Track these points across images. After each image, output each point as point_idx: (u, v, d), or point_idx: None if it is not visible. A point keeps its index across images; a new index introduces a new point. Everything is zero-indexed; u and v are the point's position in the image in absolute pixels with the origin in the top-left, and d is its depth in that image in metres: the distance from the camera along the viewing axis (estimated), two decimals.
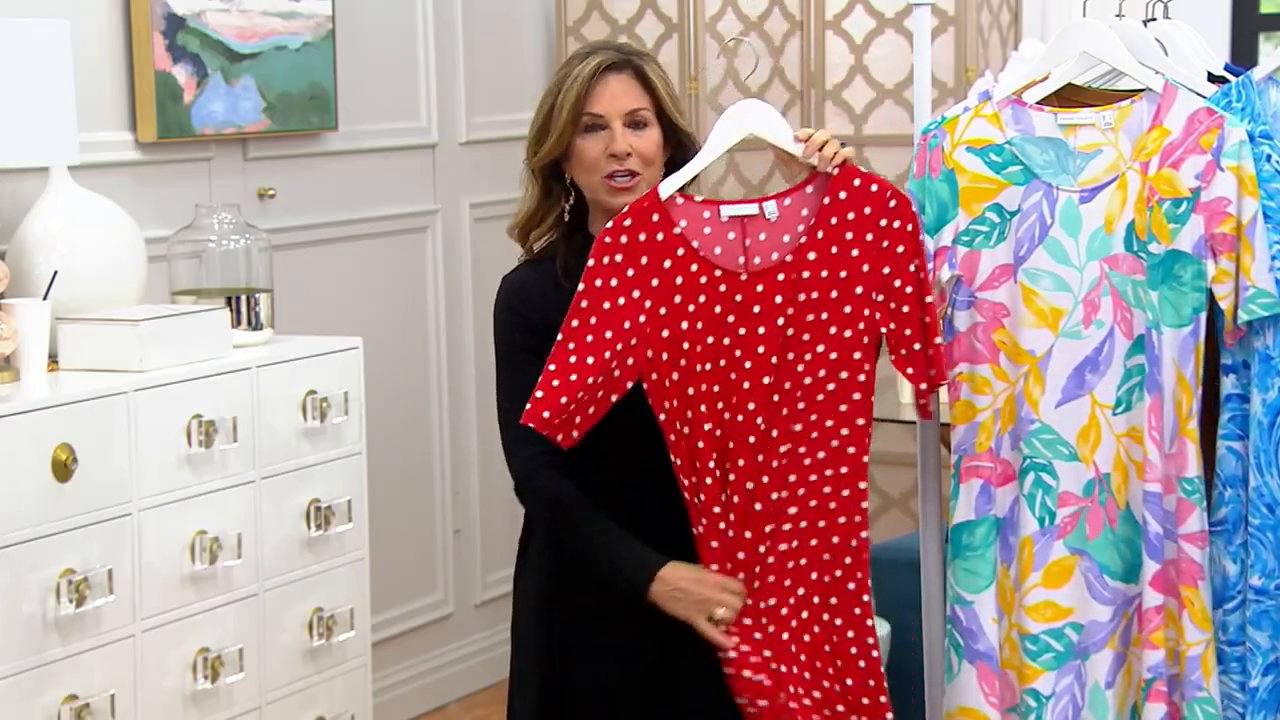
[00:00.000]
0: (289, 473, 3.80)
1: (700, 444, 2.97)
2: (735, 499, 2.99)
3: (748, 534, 3.01)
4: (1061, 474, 3.25)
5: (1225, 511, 3.25)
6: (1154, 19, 3.46)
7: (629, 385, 2.95)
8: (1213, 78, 3.40)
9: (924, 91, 3.56)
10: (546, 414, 2.91)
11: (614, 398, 2.95)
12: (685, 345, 2.96)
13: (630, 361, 2.95)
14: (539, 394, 2.91)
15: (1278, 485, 3.20)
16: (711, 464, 2.98)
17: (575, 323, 2.93)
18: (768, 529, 3.02)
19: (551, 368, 2.91)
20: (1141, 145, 3.23)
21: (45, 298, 3.54)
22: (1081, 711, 3.29)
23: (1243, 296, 3.18)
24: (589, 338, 2.93)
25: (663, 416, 2.97)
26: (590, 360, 2.92)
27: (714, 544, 2.99)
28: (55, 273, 3.58)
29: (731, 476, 2.99)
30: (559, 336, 2.94)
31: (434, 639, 5.11)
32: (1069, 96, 3.34)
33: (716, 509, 2.98)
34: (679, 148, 3.16)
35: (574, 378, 2.91)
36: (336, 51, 4.60)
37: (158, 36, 4.13)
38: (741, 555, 3.01)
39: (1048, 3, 5.24)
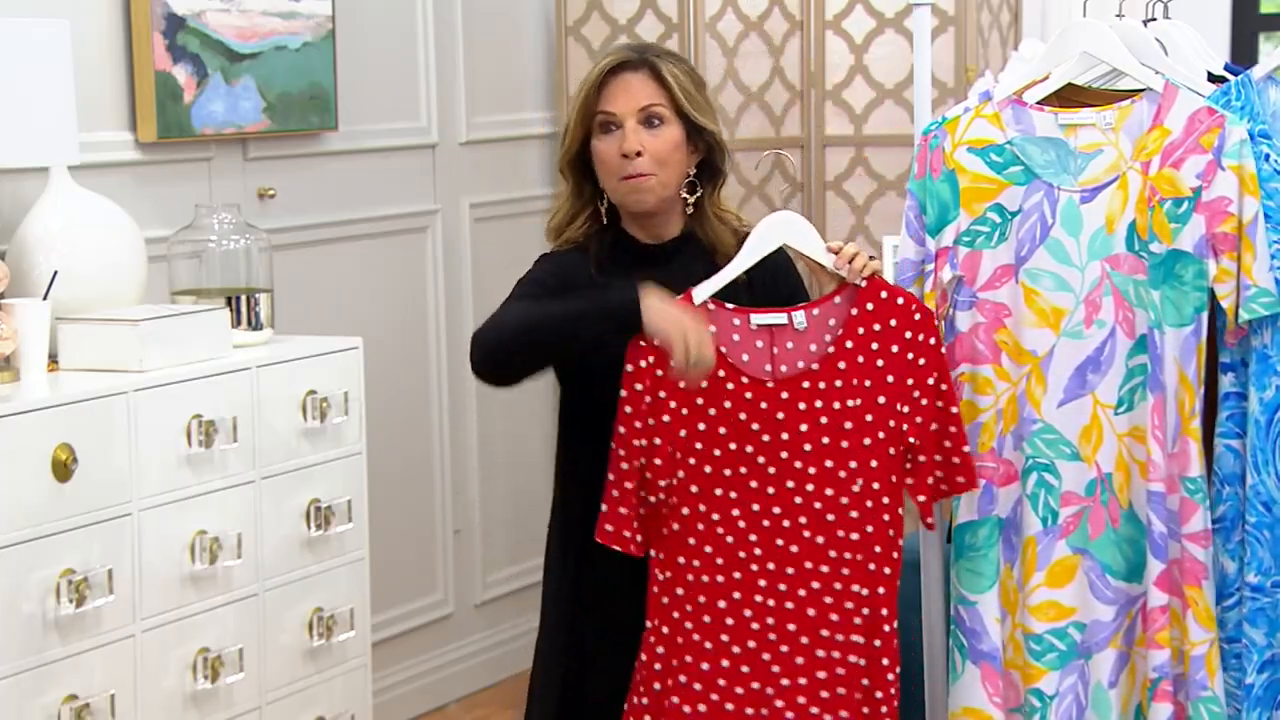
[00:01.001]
0: (289, 473, 3.80)
1: (691, 541, 3.03)
2: (735, 599, 3.04)
3: (735, 648, 3.05)
4: (1064, 474, 3.25)
5: (1224, 509, 3.25)
6: (1154, 19, 3.46)
7: (661, 484, 3.00)
8: (1213, 77, 3.40)
9: (924, 91, 3.56)
10: (609, 527, 2.98)
11: (652, 498, 3.01)
12: (699, 446, 3.01)
13: (658, 462, 2.99)
14: (604, 508, 2.98)
15: (1274, 484, 3.21)
16: (697, 562, 3.03)
17: (622, 429, 2.98)
18: (783, 649, 3.06)
19: (610, 477, 2.97)
20: (1142, 145, 3.23)
21: (45, 298, 3.54)
22: (1085, 711, 3.29)
23: (1243, 295, 3.18)
24: (637, 441, 2.98)
25: (653, 504, 3.02)
26: (640, 462, 2.98)
27: (663, 648, 3.03)
28: (55, 273, 3.58)
29: (738, 576, 3.04)
30: (612, 444, 2.97)
31: (434, 639, 5.11)
32: (1069, 96, 3.34)
33: (689, 607, 3.03)
34: (708, 150, 3.13)
35: (629, 485, 2.98)
36: (336, 51, 4.59)
37: (158, 36, 4.12)
38: (746, 669, 3.06)
39: (1048, 3, 5.24)
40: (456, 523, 5.15)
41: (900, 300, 3.06)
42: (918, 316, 3.06)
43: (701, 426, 3.01)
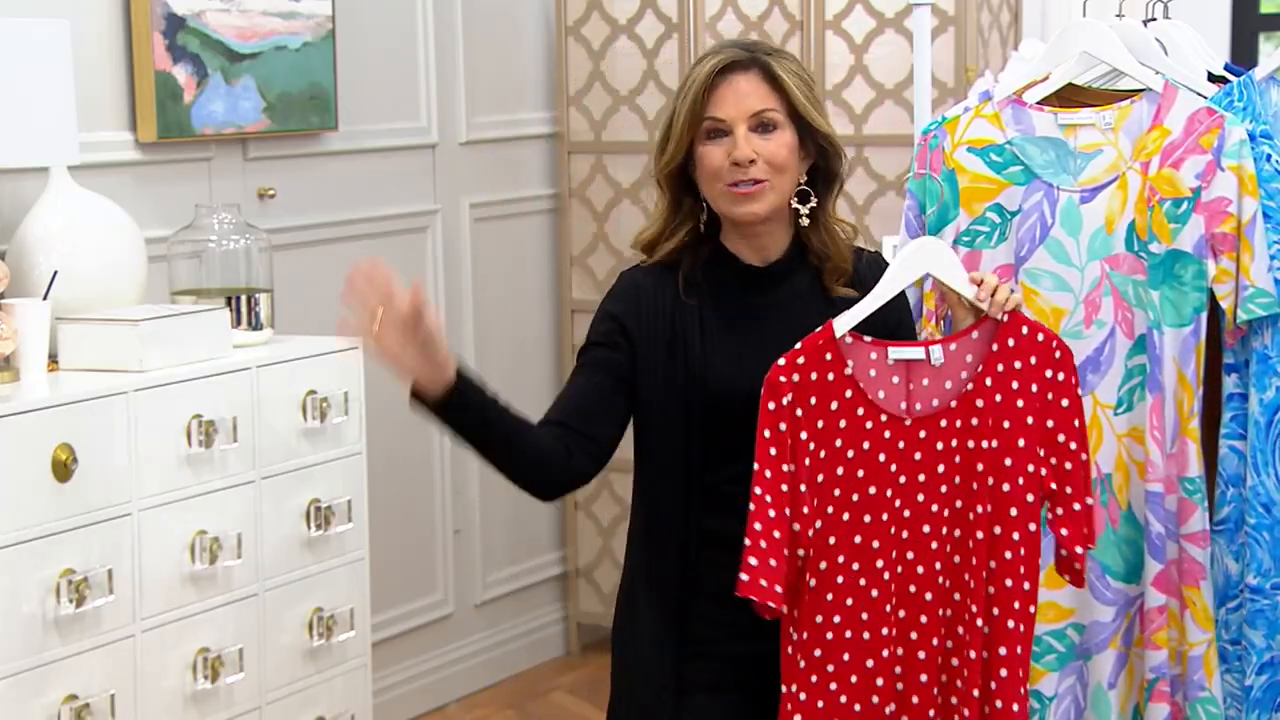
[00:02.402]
0: (289, 473, 3.80)
1: (829, 596, 2.80)
2: (884, 657, 2.83)
3: (888, 708, 2.84)
4: None
5: (1227, 510, 3.25)
6: (1154, 19, 3.46)
7: (809, 533, 2.79)
8: (1213, 78, 3.40)
9: (924, 91, 3.56)
10: (764, 582, 2.74)
11: (800, 552, 2.79)
12: (837, 493, 2.81)
13: (805, 510, 2.79)
14: (752, 561, 2.74)
15: (1274, 485, 3.21)
16: (837, 618, 2.81)
17: (768, 473, 2.77)
18: (914, 701, 2.85)
19: (756, 526, 2.74)
20: (1142, 145, 3.23)
21: (45, 298, 3.54)
22: (1084, 712, 3.29)
23: (1242, 296, 3.19)
24: (783, 486, 2.77)
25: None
26: (787, 512, 2.78)
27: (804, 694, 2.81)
28: (55, 273, 3.58)
29: (885, 631, 2.82)
30: (755, 489, 2.75)
31: (434, 639, 5.11)
32: (1069, 96, 3.34)
33: (831, 668, 2.81)
34: (821, 155, 2.90)
35: (777, 535, 2.76)
36: (336, 51, 4.59)
37: (158, 36, 4.12)
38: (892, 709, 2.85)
39: (1048, 3, 5.24)
40: (456, 523, 5.15)
41: (1041, 337, 2.85)
42: (1058, 355, 2.85)
43: (840, 471, 2.80)
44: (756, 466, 2.76)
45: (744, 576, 2.73)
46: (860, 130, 4.96)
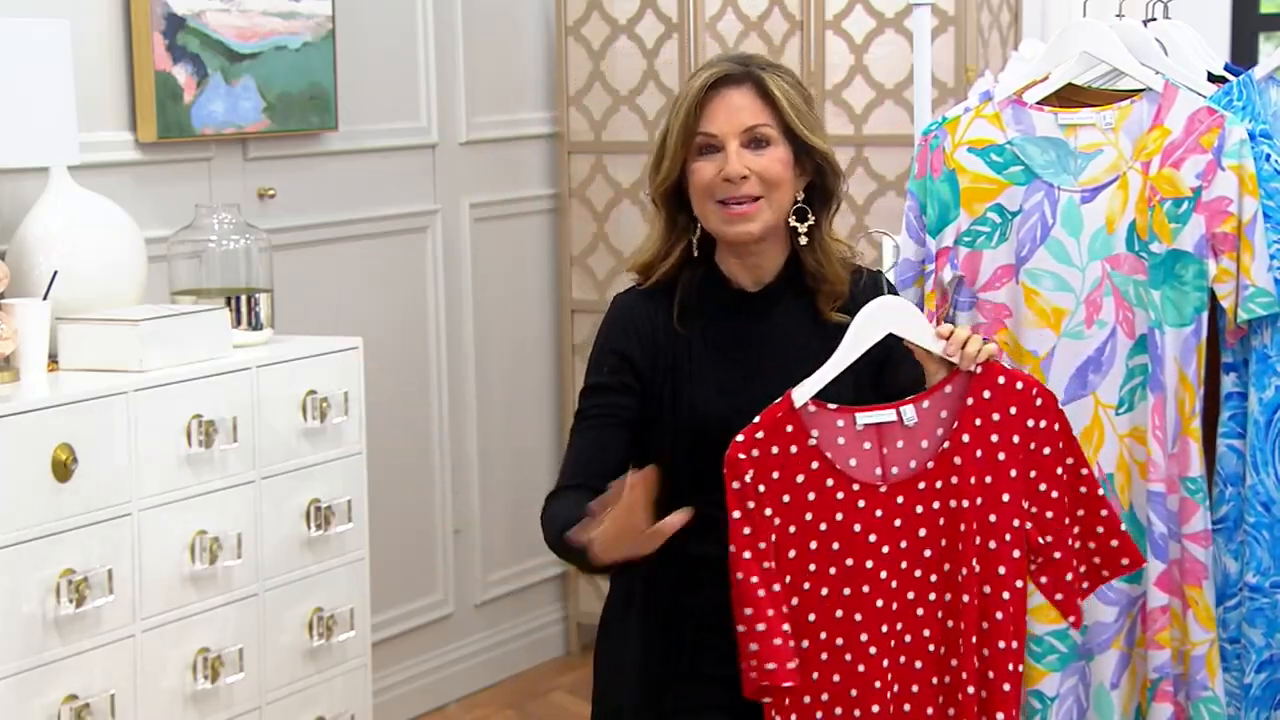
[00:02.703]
0: (289, 473, 3.80)
1: (815, 675, 2.73)
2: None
3: None
4: None
5: (1226, 509, 3.25)
6: (1154, 19, 3.47)
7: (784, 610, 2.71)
8: (1213, 77, 3.41)
9: (924, 91, 3.56)
10: (772, 666, 2.68)
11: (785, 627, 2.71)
12: (813, 568, 2.72)
13: (777, 588, 2.70)
14: (753, 647, 2.68)
15: (1274, 484, 3.21)
16: (825, 696, 2.74)
17: (747, 554, 2.69)
18: None
19: (747, 612, 2.68)
20: (1142, 145, 3.23)
21: (45, 298, 3.54)
22: (1086, 712, 3.29)
23: (1242, 295, 3.19)
24: (765, 564, 2.70)
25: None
26: (776, 588, 2.71)
27: None
28: (55, 273, 3.58)
29: (875, 709, 2.74)
30: (736, 574, 2.68)
31: (434, 639, 5.10)
32: (1069, 96, 3.34)
33: None
34: (819, 173, 2.83)
35: (771, 612, 2.69)
36: (336, 51, 4.59)
37: (158, 36, 4.12)
38: None
39: (1048, 3, 5.24)
40: (456, 523, 5.15)
41: (1019, 385, 2.75)
42: (1039, 402, 2.75)
43: (814, 545, 2.72)
44: (733, 549, 2.69)
45: (768, 665, 2.65)
46: (860, 130, 4.96)
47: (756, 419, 2.71)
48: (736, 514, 2.69)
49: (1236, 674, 3.26)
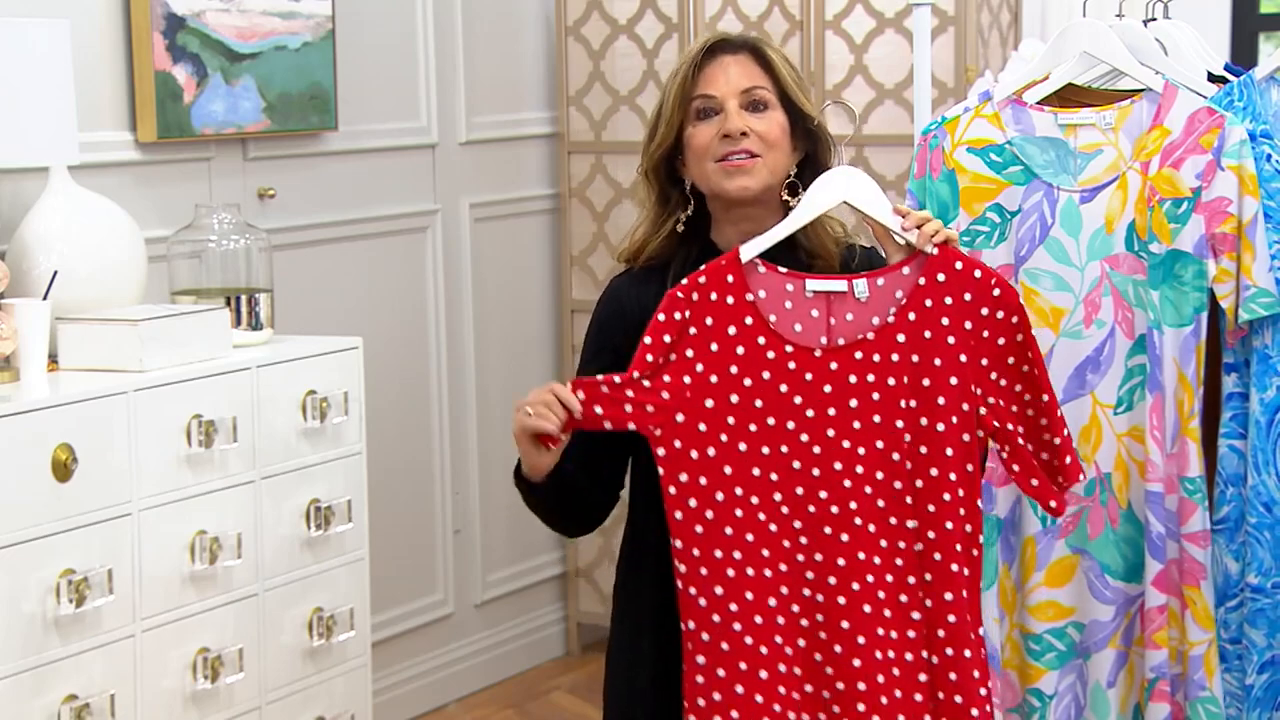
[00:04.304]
0: (289, 473, 3.80)
1: (728, 530, 2.67)
2: (784, 594, 2.68)
3: (789, 648, 2.69)
4: None
5: (1227, 510, 3.25)
6: (1154, 19, 3.47)
7: (629, 428, 2.68)
8: (1213, 78, 3.41)
9: (924, 91, 3.56)
10: (600, 409, 2.69)
11: (607, 425, 2.70)
12: (731, 420, 2.68)
13: (649, 409, 2.67)
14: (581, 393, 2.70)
15: (1275, 484, 3.21)
16: (738, 554, 2.67)
17: (636, 374, 2.68)
18: (836, 650, 2.68)
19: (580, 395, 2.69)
20: (1142, 145, 3.23)
21: (45, 298, 3.54)
22: (1084, 711, 3.29)
23: (1243, 296, 3.19)
24: (604, 388, 2.69)
25: (673, 490, 2.68)
26: (598, 410, 2.69)
27: (694, 644, 2.68)
28: (55, 273, 3.58)
29: (784, 568, 2.69)
30: (635, 375, 2.68)
31: (434, 639, 5.11)
32: (1069, 96, 3.34)
33: (734, 607, 2.67)
34: (811, 148, 2.83)
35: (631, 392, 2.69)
36: (336, 51, 4.59)
37: (158, 36, 4.12)
38: (799, 671, 2.69)
39: (1048, 3, 5.24)
40: (456, 523, 5.15)
41: (978, 273, 2.70)
42: (997, 292, 2.70)
43: (735, 398, 2.67)
44: (632, 364, 2.69)
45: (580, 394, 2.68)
46: (860, 130, 4.96)
47: (702, 266, 2.71)
48: (648, 339, 2.67)
49: (1238, 675, 3.27)
